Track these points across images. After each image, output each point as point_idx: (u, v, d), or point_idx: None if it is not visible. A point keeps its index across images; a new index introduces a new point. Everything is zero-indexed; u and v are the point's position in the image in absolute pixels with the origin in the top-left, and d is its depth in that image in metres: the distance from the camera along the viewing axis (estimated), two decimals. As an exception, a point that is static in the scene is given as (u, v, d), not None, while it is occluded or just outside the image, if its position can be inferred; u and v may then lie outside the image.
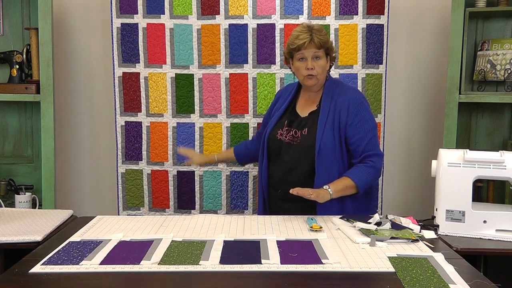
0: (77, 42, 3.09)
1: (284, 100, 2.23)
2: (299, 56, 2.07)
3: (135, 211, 2.86)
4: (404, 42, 3.06)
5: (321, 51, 2.07)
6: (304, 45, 2.03)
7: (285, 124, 2.13)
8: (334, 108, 2.07)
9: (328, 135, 2.03)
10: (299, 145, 2.06)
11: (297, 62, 2.09)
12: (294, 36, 2.08)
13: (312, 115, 2.11)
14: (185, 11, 2.76)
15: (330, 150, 2.01)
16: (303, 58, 2.07)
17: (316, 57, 2.06)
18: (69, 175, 3.15)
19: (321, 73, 2.08)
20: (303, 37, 2.04)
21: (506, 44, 2.75)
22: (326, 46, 2.08)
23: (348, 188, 1.99)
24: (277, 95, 2.34)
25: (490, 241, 1.72)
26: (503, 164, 1.76)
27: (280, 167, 2.11)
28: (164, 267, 1.38)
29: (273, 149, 2.15)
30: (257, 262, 1.41)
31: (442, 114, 2.85)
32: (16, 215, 1.96)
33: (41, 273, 1.35)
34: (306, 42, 2.03)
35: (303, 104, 2.18)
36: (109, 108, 3.03)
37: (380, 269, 1.38)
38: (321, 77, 2.10)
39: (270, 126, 2.18)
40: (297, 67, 2.09)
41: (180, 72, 2.80)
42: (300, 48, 2.05)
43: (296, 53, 2.08)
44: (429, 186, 2.94)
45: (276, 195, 2.13)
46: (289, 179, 2.07)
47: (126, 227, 1.77)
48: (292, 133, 2.09)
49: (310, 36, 2.04)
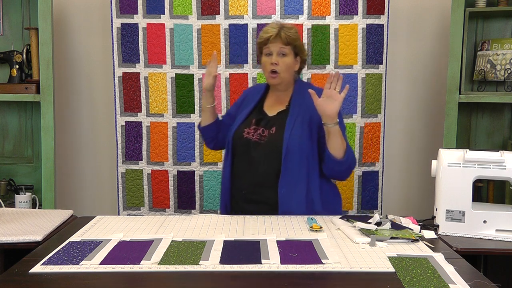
0: (77, 42, 3.09)
1: (251, 99, 2.19)
2: (266, 51, 2.06)
3: (135, 211, 2.87)
4: (404, 42, 3.06)
5: (287, 48, 2.05)
6: (270, 39, 2.03)
7: (252, 122, 2.09)
8: (306, 109, 2.05)
9: (297, 134, 2.00)
10: (266, 143, 2.02)
11: (264, 57, 2.08)
12: (264, 31, 2.09)
13: (280, 115, 2.08)
14: (185, 11, 2.76)
15: (298, 150, 1.99)
16: (269, 54, 2.05)
17: (282, 53, 2.04)
18: (69, 175, 3.15)
19: (285, 70, 2.05)
20: (271, 31, 2.04)
21: (506, 44, 2.75)
22: (294, 44, 2.06)
23: (342, 139, 1.95)
24: (244, 93, 2.29)
25: (490, 241, 1.72)
26: (503, 164, 1.76)
27: (246, 166, 2.06)
28: (164, 267, 1.38)
29: (239, 147, 2.09)
30: (257, 262, 1.41)
31: (442, 114, 2.85)
32: (16, 215, 1.96)
33: (41, 273, 1.35)
34: (273, 36, 2.03)
35: (271, 104, 2.15)
36: (109, 108, 3.03)
37: (380, 269, 1.38)
38: (285, 76, 2.06)
39: (236, 125, 2.12)
40: (263, 62, 2.09)
41: (180, 72, 2.80)
42: (267, 42, 2.05)
43: (263, 48, 2.07)
44: (429, 186, 2.94)
45: (240, 196, 2.07)
46: (255, 178, 2.03)
47: (126, 227, 1.77)
48: (259, 132, 2.05)
49: (278, 31, 2.04)
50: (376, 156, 2.82)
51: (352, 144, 2.80)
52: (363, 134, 2.80)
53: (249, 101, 2.19)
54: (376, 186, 2.84)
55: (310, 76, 2.77)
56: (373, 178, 2.83)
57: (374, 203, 2.84)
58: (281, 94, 2.14)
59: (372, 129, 2.81)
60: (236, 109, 2.23)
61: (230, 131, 2.13)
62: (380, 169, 2.84)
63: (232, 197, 2.11)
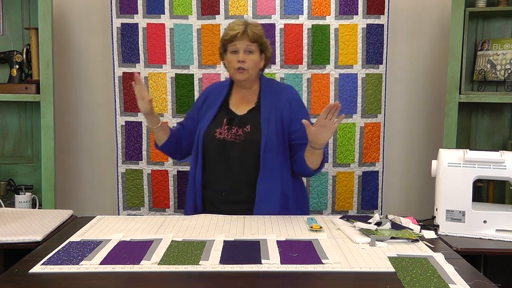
0: (77, 42, 3.09)
1: (215, 98, 2.15)
2: (232, 48, 2.05)
3: (135, 211, 2.86)
4: (404, 42, 3.06)
5: (254, 45, 2.05)
6: (237, 36, 2.02)
7: (224, 122, 2.06)
8: (275, 105, 2.06)
9: (272, 130, 2.01)
10: (243, 142, 2.01)
11: (230, 54, 2.06)
12: (229, 28, 2.08)
13: (251, 113, 2.07)
14: (185, 11, 2.76)
15: (275, 145, 2.01)
16: (236, 51, 2.04)
17: (248, 50, 2.04)
18: (69, 175, 3.15)
19: (252, 67, 2.05)
20: (237, 28, 2.04)
21: (506, 44, 2.75)
22: (260, 41, 2.07)
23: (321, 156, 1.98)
24: (205, 93, 2.23)
25: (490, 241, 1.72)
26: (503, 164, 1.76)
27: (224, 166, 2.04)
28: (164, 267, 1.38)
29: (212, 148, 2.05)
30: (257, 262, 1.41)
31: (442, 114, 2.85)
32: (16, 215, 1.96)
33: (41, 273, 1.35)
34: (239, 33, 2.02)
35: (237, 102, 2.12)
36: (109, 108, 3.03)
37: (380, 269, 1.38)
38: (252, 73, 2.06)
39: (205, 126, 2.08)
40: (229, 60, 2.07)
41: (180, 72, 2.80)
42: (233, 40, 2.04)
43: (229, 45, 2.06)
44: (429, 186, 2.94)
45: (218, 198, 2.04)
46: (234, 178, 2.02)
47: (126, 227, 1.77)
48: (233, 131, 2.03)
49: (244, 28, 2.03)
50: (376, 156, 2.83)
51: (352, 144, 2.80)
52: (363, 134, 2.80)
53: (213, 101, 2.15)
54: (376, 186, 2.84)
55: (310, 76, 2.77)
56: (373, 178, 2.83)
57: (374, 203, 2.84)
58: (247, 92, 2.13)
59: (372, 129, 2.81)
60: (197, 111, 2.18)
61: (199, 133, 2.09)
62: (380, 169, 2.84)
63: (205, 199, 2.07)
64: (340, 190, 2.83)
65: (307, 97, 2.78)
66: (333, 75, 2.77)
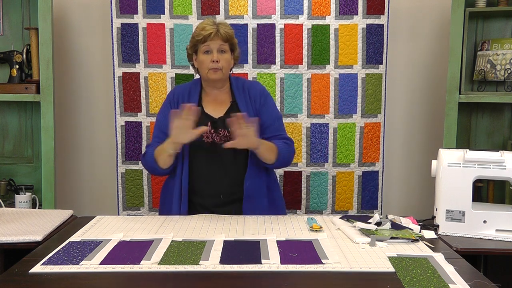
0: (77, 42, 3.09)
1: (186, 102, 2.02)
2: (205, 48, 2.03)
3: (135, 211, 2.86)
4: (404, 42, 3.06)
5: (226, 45, 2.05)
6: (210, 36, 2.01)
7: (209, 125, 2.00)
8: (249, 101, 2.09)
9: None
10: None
11: (202, 55, 2.04)
12: (200, 28, 2.05)
13: (231, 112, 2.02)
14: (185, 11, 2.76)
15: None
16: (209, 51, 2.03)
17: (221, 50, 2.04)
18: (69, 175, 3.15)
19: (226, 67, 2.05)
20: (209, 28, 2.02)
21: (506, 44, 2.75)
22: (232, 41, 2.07)
23: (271, 151, 2.00)
24: (174, 98, 2.12)
25: (490, 241, 1.72)
26: (503, 164, 1.76)
27: (216, 169, 2.03)
28: (164, 267, 1.38)
29: (202, 153, 2.02)
30: (257, 262, 1.41)
31: (442, 114, 2.85)
32: (16, 215, 1.96)
33: (41, 273, 1.35)
34: (213, 33, 2.00)
35: (211, 105, 2.09)
36: (109, 108, 3.03)
37: (380, 269, 1.38)
38: (226, 72, 2.06)
39: None
40: (201, 60, 2.04)
41: (180, 72, 2.80)
42: (206, 40, 2.01)
43: (201, 46, 2.04)
44: (429, 186, 2.94)
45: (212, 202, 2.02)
46: (228, 179, 2.03)
47: (126, 227, 1.77)
48: (222, 134, 2.01)
49: (216, 28, 2.02)
50: (376, 156, 2.83)
51: (352, 144, 2.80)
52: (363, 134, 2.80)
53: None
54: (376, 186, 2.84)
55: (310, 76, 2.77)
56: (373, 178, 2.83)
57: (374, 203, 2.84)
58: (219, 93, 2.11)
59: (372, 129, 2.81)
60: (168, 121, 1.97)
61: None
62: (380, 169, 2.84)
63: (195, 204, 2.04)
64: (340, 190, 2.83)
65: (307, 97, 2.78)
66: (333, 75, 2.77)
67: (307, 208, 2.83)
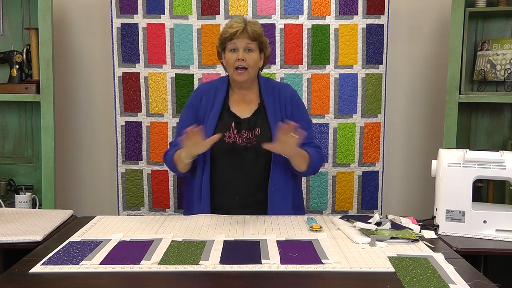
0: (77, 42, 3.09)
1: (211, 100, 2.06)
2: (231, 46, 2.00)
3: (135, 211, 2.86)
4: (404, 42, 3.06)
5: (254, 43, 2.00)
6: (237, 34, 1.97)
7: (232, 127, 2.00)
8: (278, 104, 2.05)
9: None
10: (256, 146, 1.97)
11: (229, 53, 2.01)
12: (228, 25, 2.02)
13: (257, 114, 2.03)
14: (185, 11, 2.76)
15: None
16: (235, 49, 1.99)
17: (248, 49, 1.99)
18: (69, 175, 3.15)
19: (252, 66, 2.00)
20: (236, 26, 1.98)
21: (506, 44, 2.75)
22: (260, 39, 2.03)
23: (304, 160, 1.98)
24: (198, 95, 2.11)
25: (490, 241, 1.72)
26: (503, 164, 1.76)
27: (235, 170, 2.00)
28: (164, 267, 1.38)
29: (223, 153, 2.00)
30: (257, 262, 1.41)
31: (442, 114, 2.85)
32: (16, 215, 1.96)
33: (41, 273, 1.35)
34: (239, 30, 1.97)
35: (238, 104, 2.07)
36: (109, 108, 3.03)
37: (380, 269, 1.38)
38: (252, 72, 2.01)
39: (211, 131, 1.98)
40: (228, 58, 2.01)
41: (180, 72, 2.80)
42: (233, 38, 1.98)
43: (228, 44, 2.00)
44: (429, 186, 2.94)
45: (231, 202, 2.00)
46: (247, 182, 2.00)
47: (126, 227, 1.77)
48: (245, 135, 1.99)
49: (244, 26, 1.99)
50: (376, 156, 2.83)
51: (352, 144, 2.80)
52: (363, 134, 2.80)
53: (210, 104, 2.07)
54: (376, 186, 2.84)
55: (310, 76, 2.77)
56: (373, 178, 2.83)
57: (374, 203, 2.84)
58: (247, 93, 2.08)
59: (372, 129, 2.81)
60: (193, 119, 2.05)
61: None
62: (380, 169, 2.84)
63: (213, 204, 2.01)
64: (340, 190, 2.83)
65: (307, 97, 2.78)
66: (333, 75, 2.77)
67: (307, 208, 2.83)
